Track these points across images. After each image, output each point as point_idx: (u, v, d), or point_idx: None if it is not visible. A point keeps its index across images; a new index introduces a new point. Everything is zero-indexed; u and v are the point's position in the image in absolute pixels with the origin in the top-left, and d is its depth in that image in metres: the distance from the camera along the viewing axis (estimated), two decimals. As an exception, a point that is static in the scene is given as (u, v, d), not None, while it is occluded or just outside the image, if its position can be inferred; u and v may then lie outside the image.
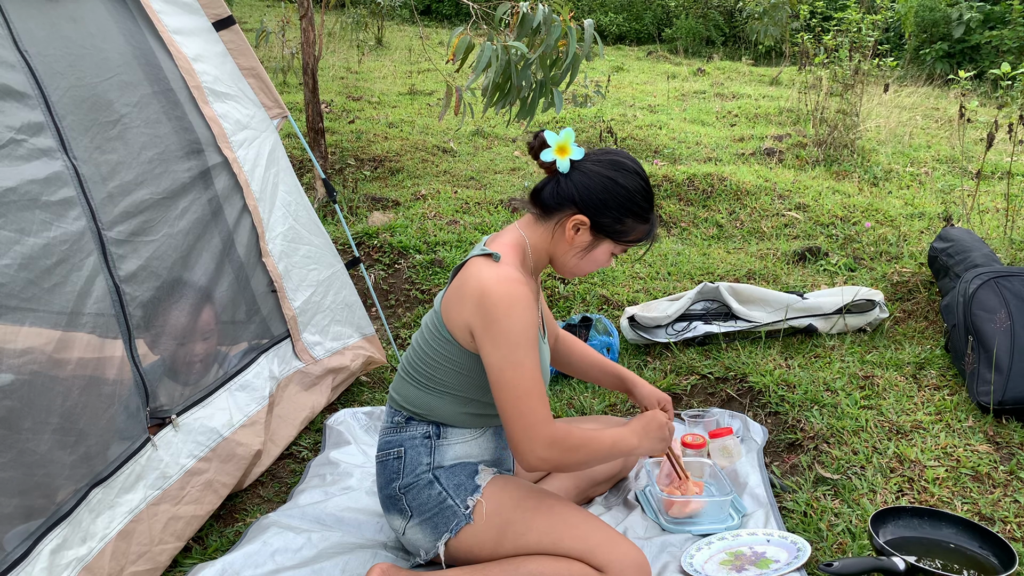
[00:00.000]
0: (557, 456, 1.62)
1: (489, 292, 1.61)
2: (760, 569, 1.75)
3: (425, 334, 1.79)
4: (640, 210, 1.71)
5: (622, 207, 1.69)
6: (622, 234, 1.72)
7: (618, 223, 1.70)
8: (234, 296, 2.29)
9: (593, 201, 1.68)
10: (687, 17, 11.77)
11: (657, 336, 2.95)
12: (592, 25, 3.09)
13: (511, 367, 1.59)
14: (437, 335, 1.74)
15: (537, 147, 1.71)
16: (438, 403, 1.77)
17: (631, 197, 1.69)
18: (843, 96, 5.39)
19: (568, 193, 1.69)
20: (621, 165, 1.70)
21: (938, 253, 3.10)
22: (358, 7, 9.54)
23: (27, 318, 1.59)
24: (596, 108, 6.62)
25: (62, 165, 1.76)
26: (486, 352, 1.62)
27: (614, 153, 1.73)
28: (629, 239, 1.74)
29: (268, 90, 2.57)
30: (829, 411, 2.39)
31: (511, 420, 1.60)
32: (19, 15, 1.77)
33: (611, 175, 1.69)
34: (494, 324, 1.60)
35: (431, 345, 1.75)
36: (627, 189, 1.69)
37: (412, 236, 3.84)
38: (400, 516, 1.77)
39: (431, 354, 1.75)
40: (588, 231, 1.71)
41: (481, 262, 1.68)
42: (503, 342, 1.60)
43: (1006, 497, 1.99)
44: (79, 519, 1.65)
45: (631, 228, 1.72)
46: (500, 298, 1.60)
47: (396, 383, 1.85)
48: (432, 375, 1.76)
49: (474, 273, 1.66)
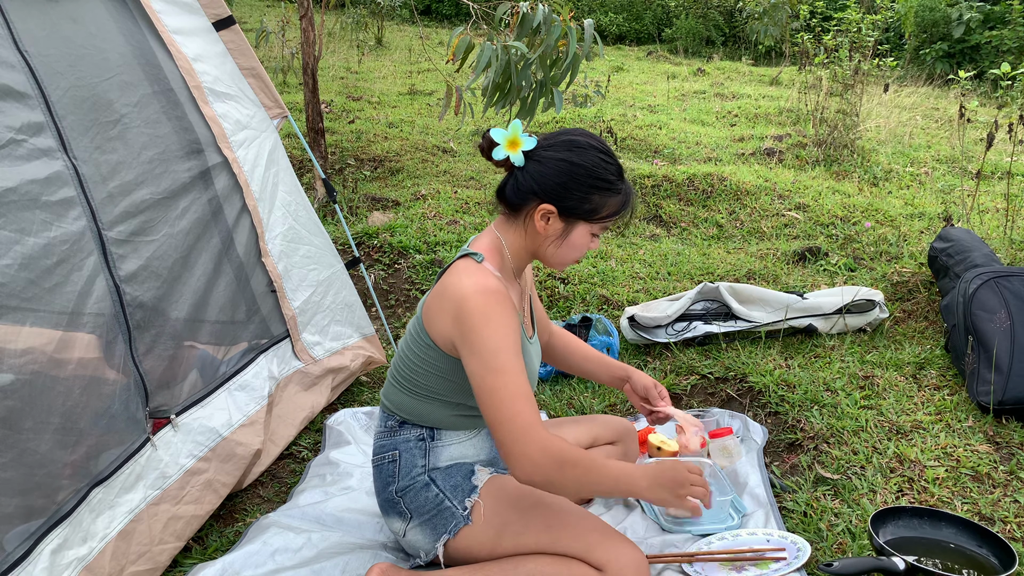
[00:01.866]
0: (552, 466, 1.53)
1: (466, 302, 1.59)
2: (760, 569, 1.75)
3: (409, 340, 1.77)
4: (605, 184, 1.65)
5: (584, 185, 1.63)
6: (593, 212, 1.66)
7: (585, 202, 1.64)
8: (233, 296, 2.29)
9: (553, 187, 1.63)
10: (687, 17, 11.77)
11: (657, 336, 2.95)
12: (592, 25, 3.09)
13: (492, 373, 1.55)
14: (420, 341, 1.72)
15: (487, 147, 1.66)
16: (427, 408, 1.77)
17: (592, 172, 1.63)
18: (843, 96, 5.39)
19: (527, 185, 1.65)
20: (574, 143, 1.65)
21: (938, 253, 3.10)
22: (358, 7, 9.54)
23: (28, 318, 1.59)
24: (596, 108, 6.62)
25: (62, 165, 1.76)
26: (467, 361, 1.60)
27: (566, 133, 1.67)
28: (602, 215, 1.67)
29: (268, 90, 2.57)
30: (829, 411, 2.40)
31: (499, 427, 1.54)
32: (19, 15, 1.77)
33: (565, 156, 1.63)
34: (471, 333, 1.58)
35: (414, 351, 1.74)
36: (584, 166, 1.63)
37: (412, 236, 3.84)
38: (399, 519, 1.77)
39: (415, 360, 1.74)
40: (557, 218, 1.65)
41: (462, 266, 1.66)
42: (482, 349, 1.57)
43: (1006, 497, 1.99)
44: (79, 519, 1.65)
45: (601, 204, 1.66)
46: (476, 307, 1.58)
47: (386, 389, 1.85)
48: (418, 381, 1.75)
49: (453, 282, 1.63)
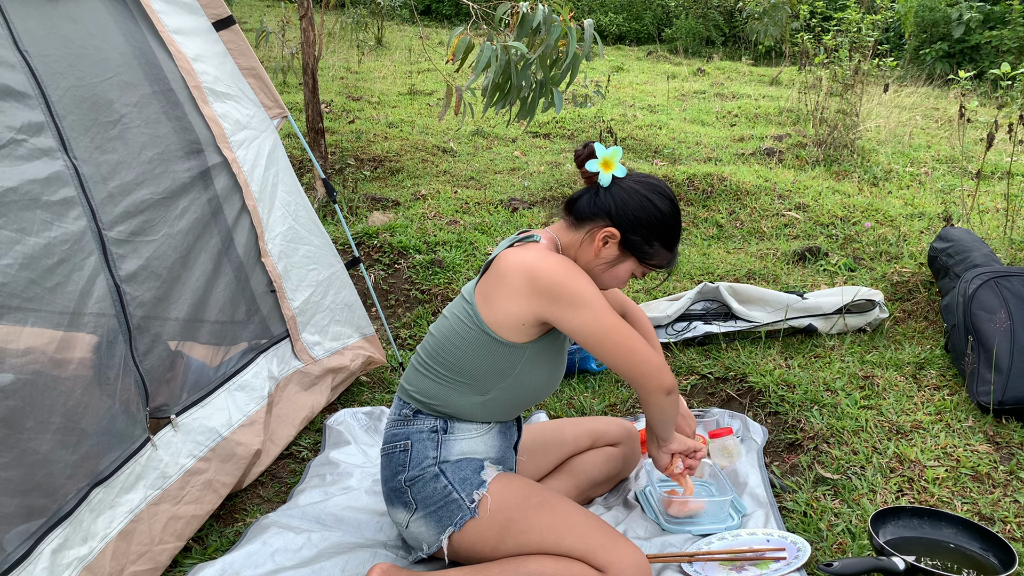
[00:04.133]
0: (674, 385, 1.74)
1: (541, 271, 1.67)
2: (760, 569, 1.75)
3: (452, 323, 1.79)
4: (669, 236, 1.77)
5: (653, 228, 1.74)
6: (648, 256, 1.77)
7: (647, 244, 1.76)
8: (233, 296, 2.29)
9: (628, 217, 1.74)
10: (687, 17, 11.77)
11: (657, 336, 2.95)
12: (592, 25, 3.09)
13: (604, 331, 1.66)
14: (469, 324, 1.75)
15: (584, 156, 1.77)
16: (452, 394, 1.78)
17: (664, 221, 1.75)
18: (843, 96, 5.39)
19: (605, 205, 1.75)
20: (660, 190, 1.77)
21: (938, 253, 3.10)
22: (358, 7, 9.54)
23: (29, 318, 1.59)
24: (596, 108, 6.62)
25: (62, 165, 1.76)
26: (571, 320, 1.67)
27: (655, 179, 1.80)
28: (652, 262, 1.79)
29: (268, 90, 2.56)
30: (829, 411, 2.40)
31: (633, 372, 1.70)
32: (19, 15, 1.77)
33: (649, 196, 1.75)
34: (564, 292, 1.66)
35: (457, 333, 1.77)
36: (662, 212, 1.75)
37: (412, 236, 3.84)
38: (404, 509, 1.78)
39: (456, 342, 1.77)
40: (616, 245, 1.76)
41: (519, 249, 1.73)
42: (580, 305, 1.65)
43: (1006, 497, 1.99)
44: (80, 519, 1.65)
45: (657, 252, 1.78)
46: (554, 270, 1.67)
47: (409, 374, 1.86)
48: (452, 363, 1.77)
49: (514, 261, 1.70)
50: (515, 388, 1.79)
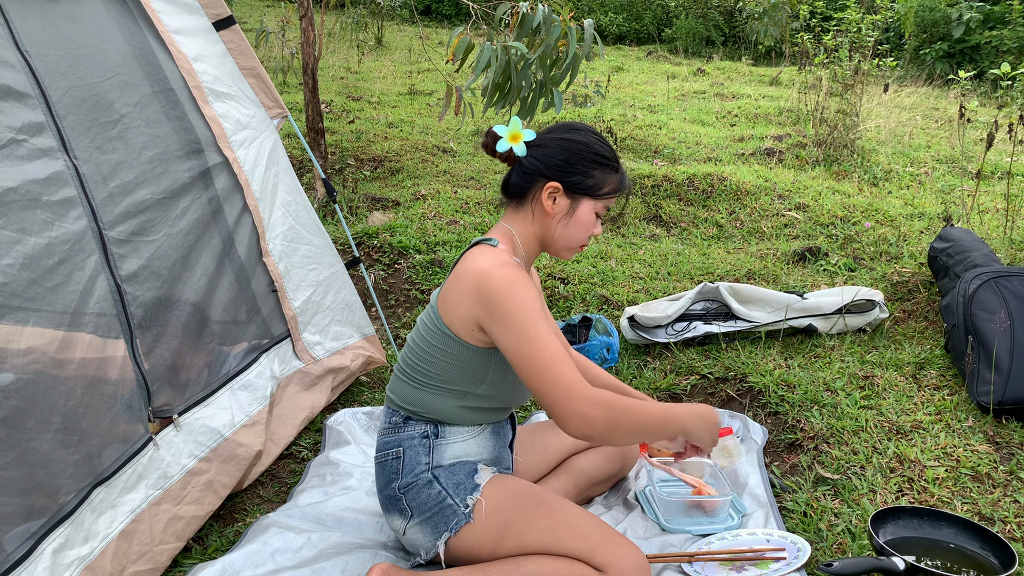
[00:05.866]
0: (604, 415, 1.57)
1: (486, 279, 1.65)
2: (760, 569, 1.75)
3: (421, 330, 1.80)
4: (604, 159, 1.78)
5: (586, 160, 1.76)
6: (596, 188, 1.77)
7: (588, 177, 1.76)
8: (235, 296, 2.29)
9: (557, 164, 1.75)
10: (687, 17, 11.77)
11: (657, 336, 2.95)
12: (592, 25, 3.10)
13: (527, 343, 1.61)
14: (434, 330, 1.75)
15: (491, 142, 1.79)
16: (435, 400, 1.78)
17: (591, 147, 1.76)
18: (843, 96, 5.40)
19: (533, 167, 1.77)
20: (572, 127, 1.79)
21: (938, 253, 3.10)
22: (358, 7, 9.54)
23: (30, 318, 1.59)
24: (596, 108, 6.62)
25: (63, 165, 1.76)
26: (499, 337, 1.65)
27: (562, 122, 1.83)
28: (604, 191, 1.79)
29: (268, 90, 2.57)
30: (829, 411, 2.40)
31: (545, 392, 1.59)
32: (19, 15, 1.77)
33: (565, 136, 1.77)
34: (498, 307, 1.63)
35: (427, 340, 1.77)
36: (585, 143, 1.76)
37: (412, 236, 3.84)
38: (400, 516, 1.78)
39: (427, 349, 1.77)
40: (563, 195, 1.77)
41: (477, 251, 1.72)
42: (511, 321, 1.62)
43: (1006, 497, 1.99)
44: (81, 519, 1.65)
45: (602, 180, 1.78)
46: (499, 281, 1.64)
47: (393, 383, 1.86)
48: (428, 371, 1.77)
49: (469, 265, 1.70)
50: (494, 392, 1.78)
